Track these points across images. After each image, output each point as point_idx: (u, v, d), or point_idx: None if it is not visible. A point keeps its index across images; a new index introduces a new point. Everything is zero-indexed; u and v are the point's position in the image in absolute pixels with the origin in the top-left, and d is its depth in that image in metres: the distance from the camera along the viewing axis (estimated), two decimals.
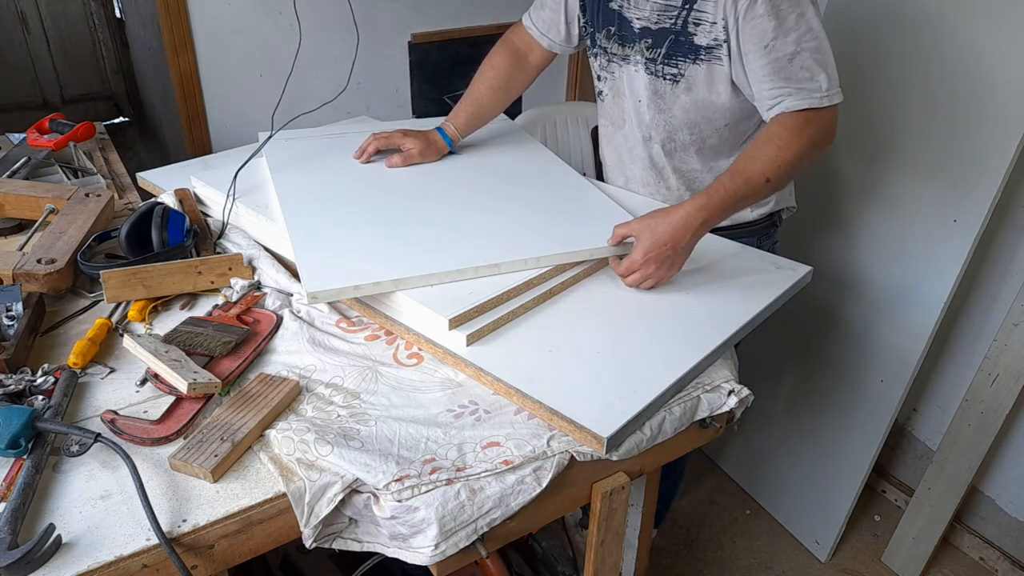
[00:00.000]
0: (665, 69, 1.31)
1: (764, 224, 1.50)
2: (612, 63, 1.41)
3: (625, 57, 1.38)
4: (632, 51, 1.36)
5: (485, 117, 1.58)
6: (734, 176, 1.19)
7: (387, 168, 1.47)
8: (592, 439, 0.90)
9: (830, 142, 1.25)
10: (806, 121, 1.20)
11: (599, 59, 1.44)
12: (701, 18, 1.24)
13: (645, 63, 1.34)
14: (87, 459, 0.89)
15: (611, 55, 1.40)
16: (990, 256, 1.81)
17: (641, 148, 1.45)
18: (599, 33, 1.41)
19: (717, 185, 1.19)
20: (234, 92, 2.50)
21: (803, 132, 1.20)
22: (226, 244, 1.34)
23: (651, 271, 1.15)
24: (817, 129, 1.21)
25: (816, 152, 1.23)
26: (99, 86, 4.38)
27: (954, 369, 1.98)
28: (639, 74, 1.36)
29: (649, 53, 1.32)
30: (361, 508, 0.87)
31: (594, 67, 1.48)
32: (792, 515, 2.11)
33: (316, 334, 1.10)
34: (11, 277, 1.17)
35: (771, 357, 2.05)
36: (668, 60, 1.30)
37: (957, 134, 1.55)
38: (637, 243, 1.15)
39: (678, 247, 1.15)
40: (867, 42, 1.70)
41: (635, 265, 1.15)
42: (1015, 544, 1.95)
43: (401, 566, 1.00)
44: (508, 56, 1.55)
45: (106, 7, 4.19)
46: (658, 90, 1.35)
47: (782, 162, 1.19)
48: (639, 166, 1.48)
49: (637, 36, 1.33)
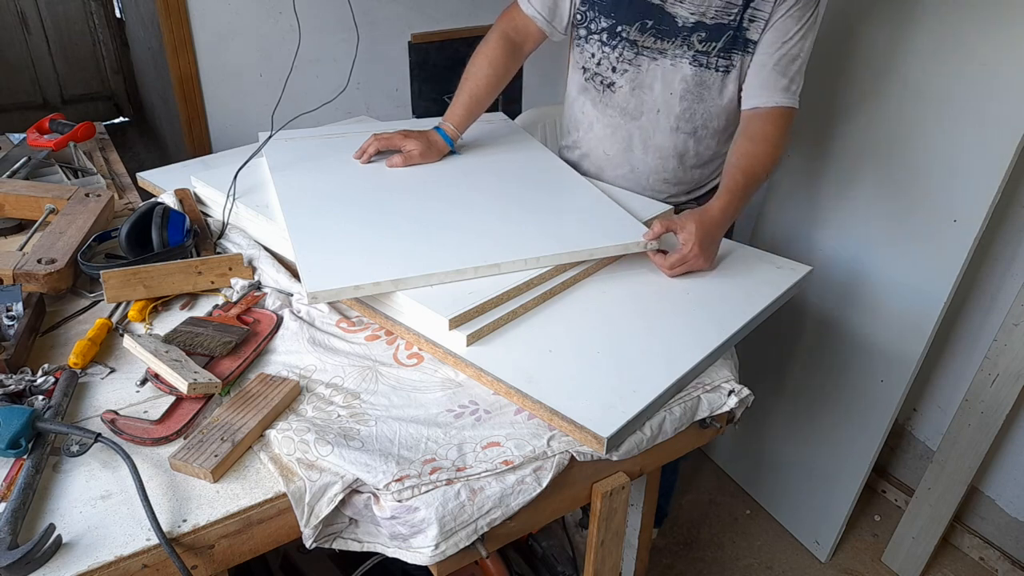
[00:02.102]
0: (719, 62, 1.38)
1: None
2: (641, 56, 1.42)
3: (662, 51, 1.40)
4: (672, 45, 1.39)
5: (481, 110, 1.58)
6: (745, 175, 1.30)
7: (387, 168, 1.47)
8: (592, 439, 0.90)
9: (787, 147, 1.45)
10: (786, 120, 1.36)
11: (619, 51, 1.43)
12: (756, 15, 1.35)
13: (694, 55, 1.38)
14: (87, 459, 0.89)
15: (641, 48, 1.41)
16: (990, 256, 1.81)
17: (666, 137, 1.48)
18: (627, 26, 1.41)
19: (733, 186, 1.29)
20: (234, 92, 2.50)
21: (786, 130, 1.36)
22: (226, 244, 1.34)
23: (700, 263, 1.23)
24: (789, 127, 1.37)
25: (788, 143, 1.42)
26: (99, 86, 4.38)
27: (954, 369, 1.98)
28: (678, 67, 1.40)
29: (702, 46, 1.37)
30: (361, 508, 0.87)
31: (606, 58, 1.46)
32: (792, 515, 2.11)
33: (316, 334, 1.10)
34: (11, 277, 1.17)
35: (771, 357, 2.05)
36: (723, 53, 1.37)
37: (957, 134, 1.55)
38: (691, 237, 1.21)
39: (716, 238, 1.27)
40: (867, 42, 1.71)
41: (688, 256, 1.21)
42: (1015, 544, 1.95)
43: (401, 566, 1.00)
44: (503, 47, 1.53)
45: (106, 7, 4.19)
46: (704, 80, 1.41)
47: (775, 159, 1.34)
48: (654, 155, 1.51)
49: (687, 30, 1.37)
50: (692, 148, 1.50)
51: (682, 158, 1.51)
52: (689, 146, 1.49)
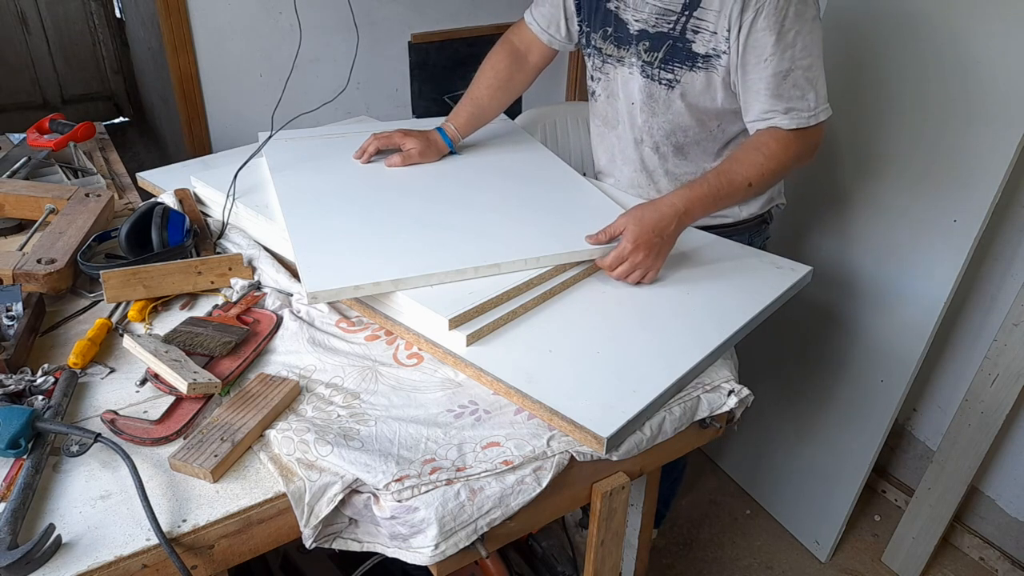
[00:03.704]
0: (661, 74, 1.32)
1: (756, 222, 1.51)
2: (607, 64, 1.42)
3: (620, 59, 1.38)
4: (627, 53, 1.36)
5: (485, 117, 1.57)
6: (719, 175, 1.23)
7: (387, 168, 1.47)
8: (592, 439, 0.90)
9: (813, 156, 1.30)
10: (794, 138, 1.25)
11: (593, 59, 1.45)
12: (700, 26, 1.24)
13: (641, 66, 1.34)
14: (87, 459, 0.89)
15: (606, 56, 1.41)
16: (990, 256, 1.81)
17: (632, 150, 1.45)
18: (595, 33, 1.41)
19: (701, 180, 1.23)
20: (234, 92, 2.50)
21: (790, 148, 1.25)
22: (226, 244, 1.34)
23: (639, 260, 1.16)
24: (803, 145, 1.26)
25: (799, 165, 1.28)
26: (99, 86, 4.38)
27: (954, 369, 1.98)
28: (634, 76, 1.37)
29: (647, 56, 1.32)
30: (361, 508, 0.87)
31: (588, 67, 1.49)
32: (792, 515, 2.11)
33: (316, 334, 1.10)
34: (11, 277, 1.17)
35: (771, 357, 2.05)
36: (665, 65, 1.31)
37: (957, 134, 1.55)
38: (626, 233, 1.16)
39: (664, 234, 1.17)
40: (867, 43, 1.70)
41: (624, 254, 1.16)
42: (1015, 544, 1.95)
43: (401, 566, 1.00)
44: (508, 56, 1.55)
45: (106, 7, 4.19)
46: (653, 93, 1.35)
47: (766, 171, 1.24)
48: (629, 168, 1.48)
49: (634, 38, 1.33)
50: (659, 166, 1.44)
51: (651, 175, 1.46)
52: (655, 163, 1.44)
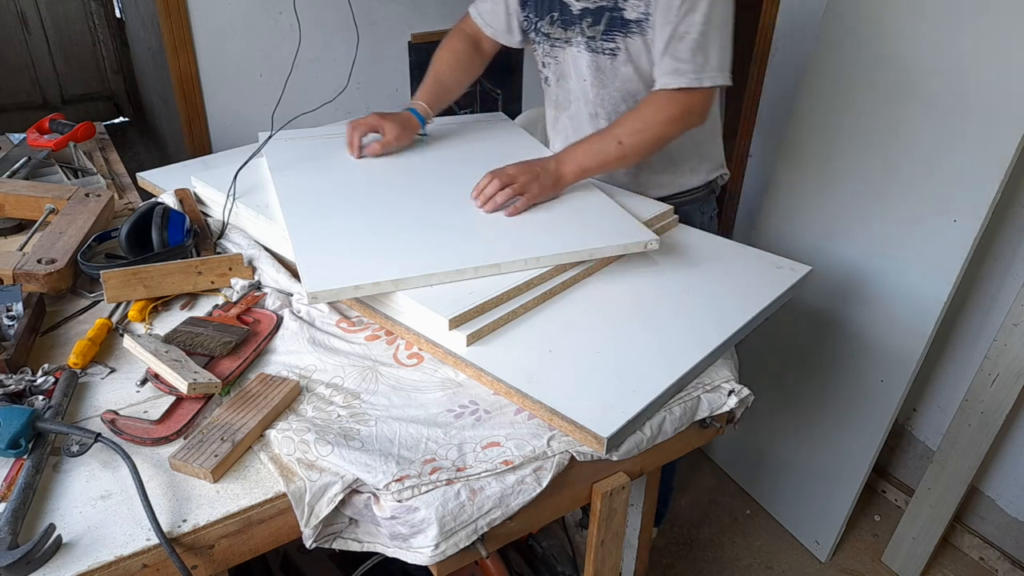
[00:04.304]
0: (604, 45, 1.39)
1: (704, 191, 1.59)
2: (556, 47, 1.49)
3: (568, 40, 1.45)
4: (574, 33, 1.43)
5: (449, 92, 1.62)
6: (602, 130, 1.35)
7: (387, 168, 1.47)
8: (592, 439, 0.90)
9: (698, 123, 1.35)
10: (672, 100, 1.31)
11: (542, 46, 1.52)
12: None
13: (586, 42, 1.41)
14: (87, 459, 0.89)
15: (554, 40, 1.48)
16: (990, 256, 1.81)
17: (588, 126, 1.50)
18: (542, 21, 1.48)
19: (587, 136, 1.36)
20: (234, 92, 2.50)
21: (660, 111, 1.32)
22: (226, 244, 1.34)
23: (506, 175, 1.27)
24: (678, 108, 1.32)
25: (678, 129, 1.34)
26: (99, 86, 4.39)
27: (954, 369, 1.98)
28: (582, 54, 1.44)
29: (590, 32, 1.40)
30: (361, 508, 0.87)
31: (537, 56, 1.55)
32: (792, 515, 2.11)
33: (316, 334, 1.10)
34: (11, 277, 1.17)
35: (771, 357, 2.05)
36: (606, 36, 1.38)
37: (957, 134, 1.55)
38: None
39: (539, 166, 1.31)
40: (867, 43, 1.70)
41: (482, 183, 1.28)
42: (1015, 544, 1.95)
43: (401, 566, 1.00)
44: (463, 40, 1.62)
45: (106, 7, 4.19)
46: (600, 66, 1.42)
47: (636, 130, 1.32)
48: None
49: (578, 17, 1.41)
50: None
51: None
52: None
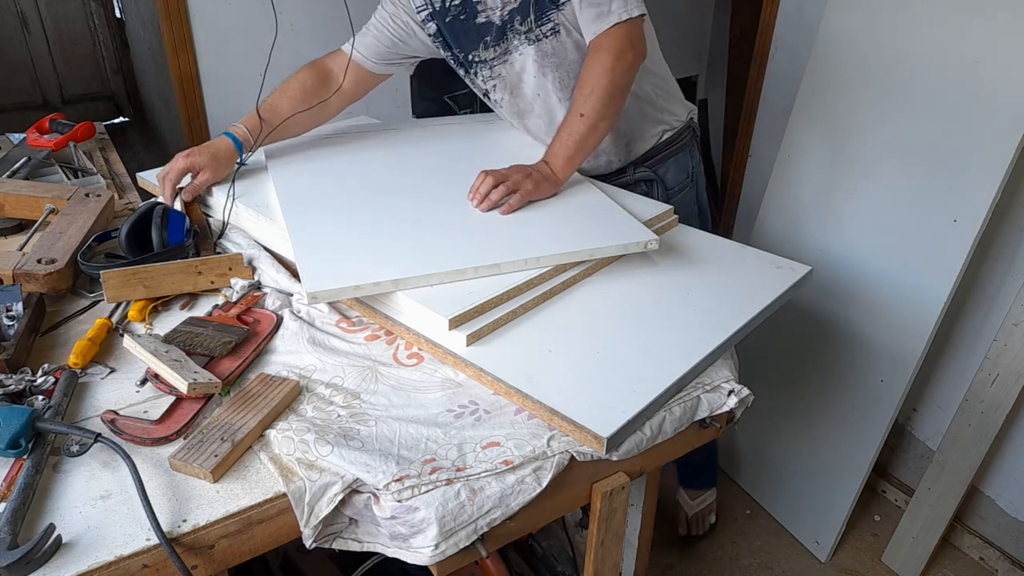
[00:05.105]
0: (542, 29, 1.41)
1: (689, 133, 1.61)
2: (496, 66, 1.49)
3: (506, 51, 1.45)
4: (510, 40, 1.43)
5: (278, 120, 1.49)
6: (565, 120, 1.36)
7: (387, 168, 1.47)
8: (592, 439, 0.90)
9: (642, 55, 1.34)
10: (606, 44, 1.30)
11: (480, 73, 1.52)
12: None
13: (524, 37, 1.42)
14: (87, 459, 0.89)
15: (492, 62, 1.48)
16: (990, 256, 1.81)
17: (560, 112, 1.48)
18: (473, 51, 1.48)
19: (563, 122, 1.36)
20: (234, 92, 2.49)
21: (605, 59, 1.30)
22: (226, 244, 1.34)
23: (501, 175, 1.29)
24: (618, 47, 1.30)
25: (625, 68, 1.31)
26: (99, 86, 4.39)
27: (954, 369, 1.98)
28: (525, 52, 1.44)
29: (524, 27, 1.40)
30: (361, 508, 0.87)
31: (478, 87, 1.56)
32: (792, 515, 2.11)
33: (316, 334, 1.10)
34: (11, 277, 1.17)
35: (771, 357, 2.05)
36: (540, 20, 1.39)
37: (957, 134, 1.55)
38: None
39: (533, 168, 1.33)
40: (867, 43, 1.70)
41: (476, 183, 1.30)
42: (1015, 544, 1.95)
43: (401, 566, 1.00)
44: (316, 74, 1.55)
45: (106, 7, 4.19)
46: (546, 51, 1.43)
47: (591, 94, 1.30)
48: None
49: (505, 25, 1.42)
50: None
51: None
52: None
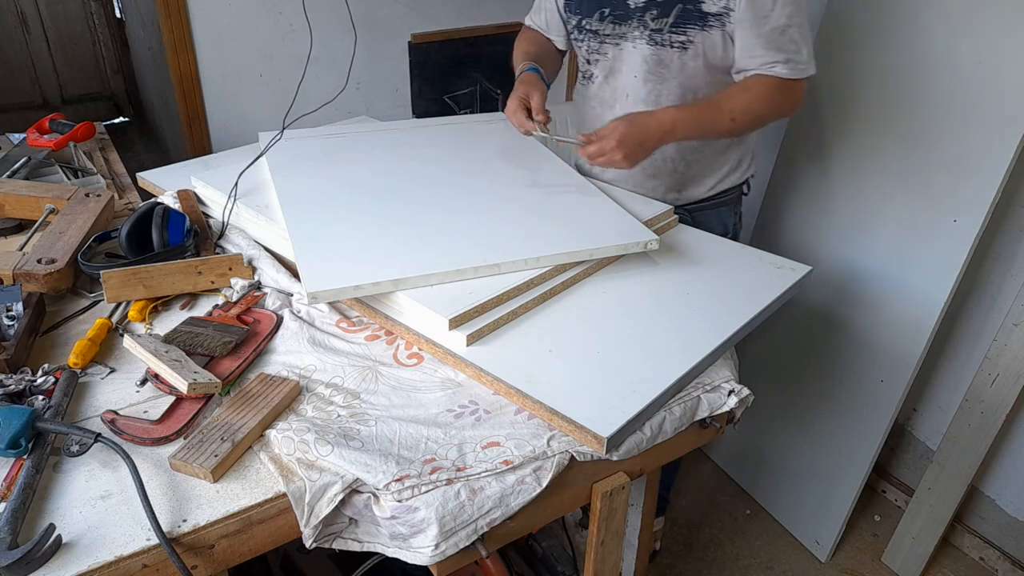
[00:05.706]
0: (673, 38, 1.38)
1: (736, 193, 1.63)
2: (605, 44, 1.47)
3: (622, 35, 1.43)
4: (630, 27, 1.41)
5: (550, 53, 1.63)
6: (709, 104, 1.36)
7: (387, 168, 1.47)
8: (592, 439, 0.90)
9: (795, 110, 1.43)
10: (780, 87, 1.35)
11: (588, 42, 1.50)
12: None
13: (649, 35, 1.39)
14: (87, 459, 0.89)
15: (604, 36, 1.46)
16: (990, 256, 1.81)
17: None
18: (588, 18, 1.47)
19: (692, 105, 1.37)
20: (234, 92, 2.50)
21: (774, 94, 1.36)
22: (226, 244, 1.34)
23: (617, 158, 1.28)
24: (786, 96, 1.37)
25: (779, 115, 1.41)
26: (99, 86, 4.39)
27: (954, 369, 1.98)
28: (638, 49, 1.42)
29: (655, 24, 1.38)
30: (361, 508, 0.87)
31: (581, 52, 1.54)
32: (792, 515, 2.11)
33: (316, 334, 1.10)
34: (11, 277, 1.17)
35: (771, 357, 2.05)
36: (676, 29, 1.37)
37: (957, 134, 1.55)
38: (614, 132, 1.28)
39: (645, 146, 1.31)
40: (867, 42, 1.70)
41: (605, 148, 1.28)
42: (1015, 544, 1.95)
43: (401, 566, 1.00)
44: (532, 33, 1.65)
45: (106, 7, 4.19)
46: (663, 59, 1.41)
47: (749, 110, 1.35)
48: None
49: (640, 10, 1.39)
50: None
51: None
52: None
